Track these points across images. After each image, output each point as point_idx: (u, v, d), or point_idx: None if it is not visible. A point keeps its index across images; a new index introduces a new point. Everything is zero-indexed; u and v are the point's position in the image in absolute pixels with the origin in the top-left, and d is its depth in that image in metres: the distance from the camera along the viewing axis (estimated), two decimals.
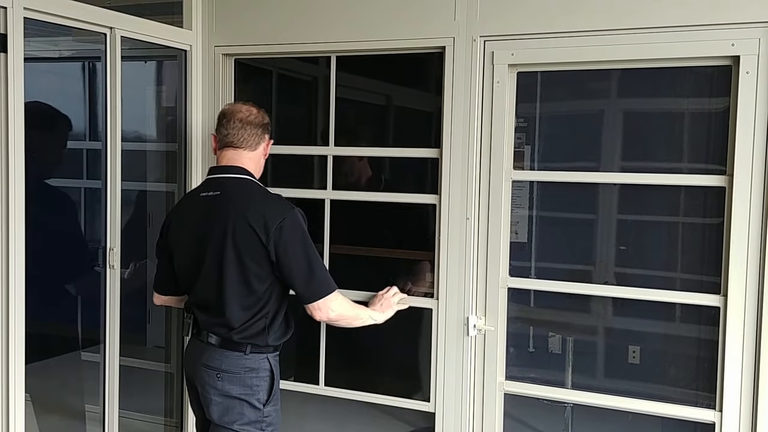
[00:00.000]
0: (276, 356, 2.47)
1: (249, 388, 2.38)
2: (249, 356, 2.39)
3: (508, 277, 2.74)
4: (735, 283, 2.41)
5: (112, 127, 2.79)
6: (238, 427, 2.37)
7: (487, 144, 2.70)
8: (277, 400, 2.45)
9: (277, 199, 2.48)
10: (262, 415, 2.39)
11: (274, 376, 2.42)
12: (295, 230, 2.35)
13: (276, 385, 2.43)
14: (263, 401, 2.39)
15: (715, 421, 2.48)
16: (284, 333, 2.48)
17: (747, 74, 2.35)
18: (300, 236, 2.37)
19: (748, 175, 2.37)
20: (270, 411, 2.41)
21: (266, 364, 2.41)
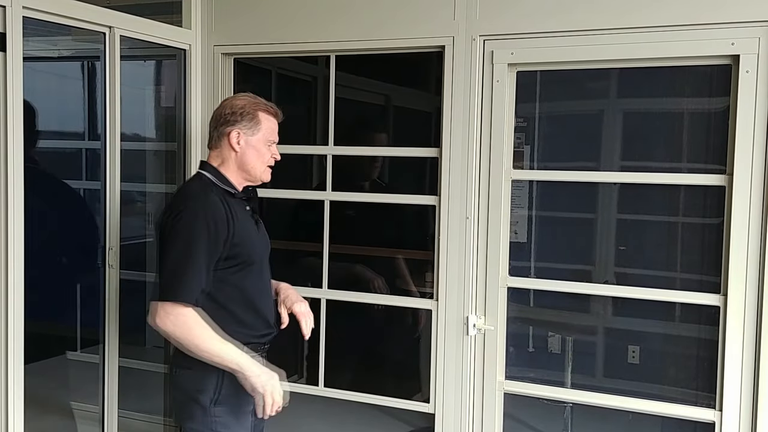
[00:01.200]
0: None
1: (198, 385, 2.20)
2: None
3: (507, 277, 2.74)
4: (735, 282, 2.41)
5: (111, 126, 2.79)
6: (188, 427, 2.23)
7: (487, 143, 2.70)
8: (232, 404, 2.22)
9: (194, 194, 2.25)
10: (211, 415, 2.20)
11: (224, 375, 2.17)
12: (179, 225, 2.15)
13: (226, 385, 2.19)
14: (211, 400, 2.19)
15: (714, 421, 2.48)
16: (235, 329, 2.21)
17: (747, 73, 2.35)
18: (180, 232, 2.14)
19: (748, 175, 2.37)
20: (220, 412, 2.20)
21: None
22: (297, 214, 3.40)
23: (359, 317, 3.39)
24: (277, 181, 3.30)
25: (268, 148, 2.32)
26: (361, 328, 3.48)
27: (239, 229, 2.23)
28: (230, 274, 2.23)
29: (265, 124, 2.31)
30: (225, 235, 2.18)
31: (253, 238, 2.31)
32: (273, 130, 2.35)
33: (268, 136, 2.32)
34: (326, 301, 3.01)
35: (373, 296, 3.11)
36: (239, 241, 2.22)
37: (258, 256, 2.31)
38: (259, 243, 2.34)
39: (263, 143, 2.31)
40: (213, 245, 2.16)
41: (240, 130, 2.27)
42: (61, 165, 3.44)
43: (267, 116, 2.32)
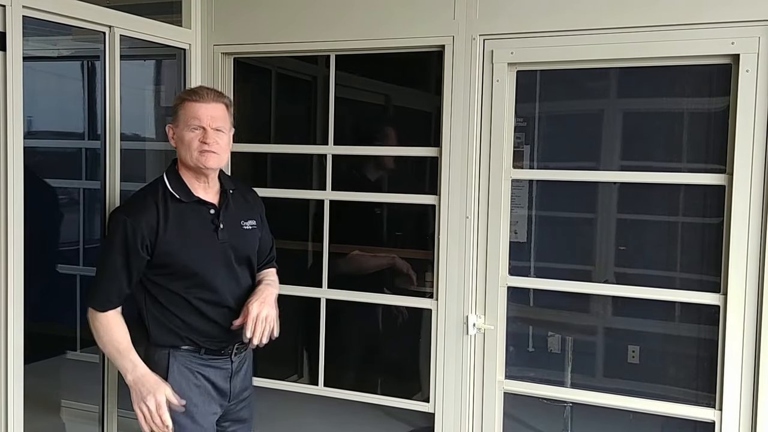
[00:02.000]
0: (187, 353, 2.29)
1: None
2: (152, 348, 2.29)
3: (507, 276, 2.74)
4: (735, 281, 2.41)
5: (111, 126, 2.78)
6: None
7: (487, 142, 2.70)
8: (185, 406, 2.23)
9: (131, 199, 2.36)
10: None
11: (168, 372, 2.24)
12: (107, 229, 2.31)
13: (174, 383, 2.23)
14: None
15: (714, 420, 2.48)
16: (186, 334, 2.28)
17: (747, 72, 2.35)
18: (106, 237, 2.29)
19: (748, 174, 2.37)
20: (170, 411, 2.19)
21: (164, 360, 2.26)
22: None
23: (359, 317, 3.40)
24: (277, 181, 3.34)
25: (192, 133, 2.26)
26: (361, 328, 3.49)
27: (171, 238, 2.22)
28: (168, 282, 2.26)
29: (185, 111, 2.28)
30: (147, 241, 2.19)
31: (197, 246, 2.27)
32: (194, 115, 2.26)
33: (188, 121, 2.26)
34: (326, 300, 3.01)
35: (372, 296, 3.10)
36: (169, 250, 2.22)
37: (202, 267, 2.26)
38: (208, 252, 2.29)
39: (185, 129, 2.27)
40: (132, 250, 2.19)
41: (171, 125, 2.32)
42: (61, 165, 3.44)
43: (188, 103, 2.28)
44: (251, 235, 2.45)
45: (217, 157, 2.28)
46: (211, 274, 2.29)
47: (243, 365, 2.46)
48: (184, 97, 2.32)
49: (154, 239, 2.20)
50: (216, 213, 2.33)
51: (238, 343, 2.36)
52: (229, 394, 2.40)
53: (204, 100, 2.28)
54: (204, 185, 2.34)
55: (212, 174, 2.34)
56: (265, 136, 3.69)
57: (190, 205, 2.29)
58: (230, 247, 2.34)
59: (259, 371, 2.88)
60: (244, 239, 2.41)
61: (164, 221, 2.22)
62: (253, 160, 3.40)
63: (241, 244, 2.39)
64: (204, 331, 2.30)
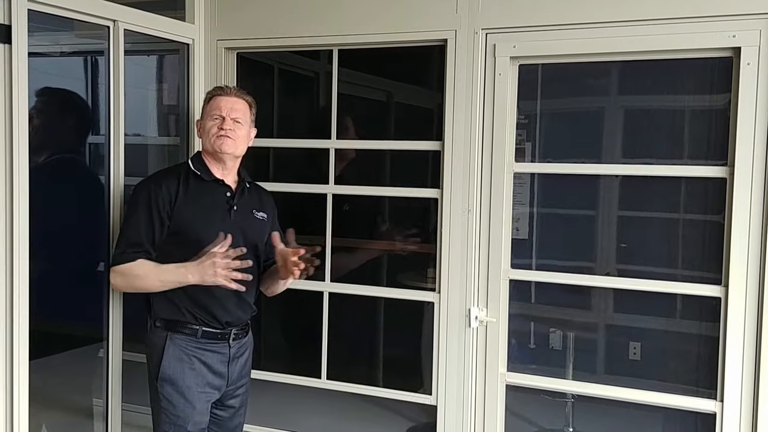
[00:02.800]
0: (183, 336, 2.40)
1: (149, 360, 2.46)
2: (152, 330, 2.44)
3: (509, 269, 2.75)
4: (736, 273, 2.42)
5: (115, 121, 2.80)
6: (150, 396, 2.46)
7: (489, 136, 2.71)
8: (175, 382, 2.39)
9: (157, 171, 2.60)
10: (158, 389, 2.40)
11: (164, 354, 2.38)
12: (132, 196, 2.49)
13: (166, 365, 2.38)
14: (157, 376, 2.40)
15: (716, 411, 2.49)
16: (170, 303, 2.40)
17: (748, 65, 2.37)
18: (130, 202, 2.49)
19: (749, 166, 2.38)
20: (166, 389, 2.39)
21: (162, 341, 2.40)
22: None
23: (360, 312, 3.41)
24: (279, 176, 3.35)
25: (213, 121, 2.46)
26: (363, 322, 3.50)
27: (186, 208, 2.41)
28: (178, 250, 2.39)
29: (209, 105, 2.51)
30: (167, 206, 2.38)
31: (211, 221, 2.42)
32: (216, 106, 2.48)
33: (211, 112, 2.48)
34: (329, 294, 3.02)
35: (375, 289, 3.12)
36: (184, 218, 2.40)
37: (211, 240, 2.34)
38: (220, 228, 2.37)
39: (207, 119, 2.49)
40: (154, 210, 2.37)
41: (199, 120, 2.57)
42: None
43: (213, 98, 2.51)
44: (261, 225, 2.58)
45: (232, 142, 2.45)
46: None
47: (244, 352, 2.56)
48: (210, 92, 2.55)
49: (173, 205, 2.39)
50: (231, 195, 2.51)
51: (236, 327, 2.48)
52: (227, 379, 2.49)
53: (226, 93, 2.50)
54: (223, 171, 2.51)
55: (230, 162, 2.51)
56: (268, 131, 3.70)
57: (209, 183, 2.48)
58: (240, 230, 2.45)
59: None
60: (255, 226, 2.55)
61: (184, 192, 2.42)
62: (256, 156, 3.41)
63: (251, 228, 2.53)
64: (204, 305, 2.40)
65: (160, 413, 2.42)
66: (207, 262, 2.29)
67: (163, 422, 2.42)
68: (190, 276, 2.32)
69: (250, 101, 2.55)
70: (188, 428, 2.40)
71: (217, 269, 2.28)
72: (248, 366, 2.61)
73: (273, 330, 3.68)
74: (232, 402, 2.56)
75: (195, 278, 2.32)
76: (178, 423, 2.40)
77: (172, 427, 2.40)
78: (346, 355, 3.42)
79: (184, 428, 2.40)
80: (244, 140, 2.50)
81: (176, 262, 2.37)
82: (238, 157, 2.52)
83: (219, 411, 2.55)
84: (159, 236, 2.39)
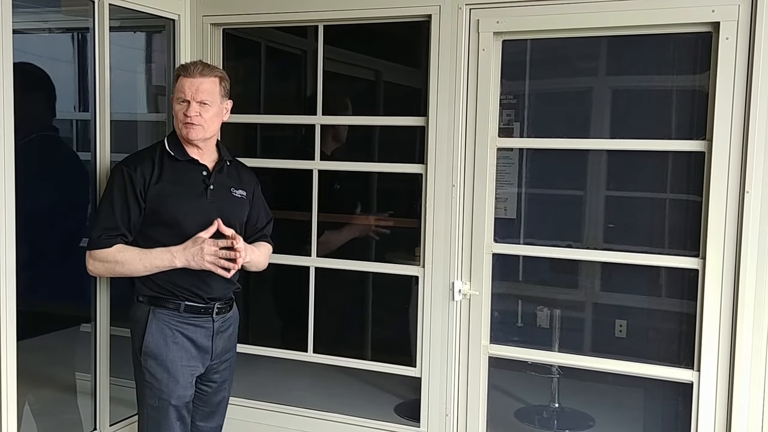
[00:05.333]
0: (166, 311, 2.41)
1: (133, 336, 2.47)
2: (135, 306, 2.45)
3: (492, 243, 2.78)
4: (713, 245, 2.46)
5: (100, 97, 2.81)
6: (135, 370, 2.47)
7: (473, 112, 2.73)
8: (158, 356, 2.40)
9: (132, 153, 2.53)
10: (143, 364, 2.41)
11: (147, 328, 2.39)
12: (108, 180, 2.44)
13: (149, 340, 2.39)
14: (141, 351, 2.41)
15: (692, 381, 2.54)
16: (149, 281, 2.40)
17: (726, 40, 2.39)
18: (106, 187, 2.43)
19: (727, 140, 2.41)
20: (149, 364, 2.40)
21: (145, 316, 2.41)
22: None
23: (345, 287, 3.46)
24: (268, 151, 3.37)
25: (179, 105, 2.41)
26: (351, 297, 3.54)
27: (162, 189, 2.37)
28: (153, 230, 2.39)
29: (175, 85, 2.43)
30: (141, 184, 2.34)
31: (186, 200, 2.41)
32: (180, 88, 2.40)
33: (176, 95, 2.42)
34: (315, 269, 3.06)
35: (361, 264, 3.15)
36: (159, 197, 2.37)
37: (187, 220, 2.38)
38: (196, 207, 2.41)
39: (174, 102, 2.43)
40: (128, 191, 2.34)
41: (172, 96, 2.46)
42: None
43: (179, 78, 2.42)
44: (239, 203, 2.56)
45: (199, 128, 2.41)
46: (195, 229, 2.38)
47: (228, 327, 2.56)
48: (177, 71, 2.47)
49: (147, 187, 2.36)
50: (208, 174, 2.47)
51: (219, 302, 2.48)
52: (211, 353, 2.50)
53: (190, 74, 2.40)
54: (198, 150, 2.48)
55: (202, 144, 2.47)
56: (255, 108, 3.72)
57: (184, 163, 2.44)
58: (216, 209, 2.44)
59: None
60: (233, 204, 2.53)
61: (158, 173, 2.38)
62: (243, 132, 3.43)
63: (229, 207, 2.50)
64: (181, 283, 2.41)
65: (144, 387, 2.44)
66: (194, 248, 2.32)
67: (147, 396, 2.42)
68: (177, 261, 2.34)
69: (219, 75, 2.46)
70: (172, 402, 2.40)
71: (205, 255, 2.32)
72: (233, 341, 2.61)
73: (261, 304, 3.72)
74: (215, 377, 2.57)
75: (181, 263, 2.34)
76: (162, 397, 2.40)
77: (156, 400, 2.41)
78: (334, 329, 3.47)
79: (168, 402, 2.40)
80: (213, 120, 2.43)
81: (153, 245, 2.37)
82: (209, 139, 2.48)
83: (203, 386, 2.55)
84: (136, 219, 2.37)
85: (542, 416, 3.22)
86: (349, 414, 3.02)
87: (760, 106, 2.36)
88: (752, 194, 2.38)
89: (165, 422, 2.41)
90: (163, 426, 2.41)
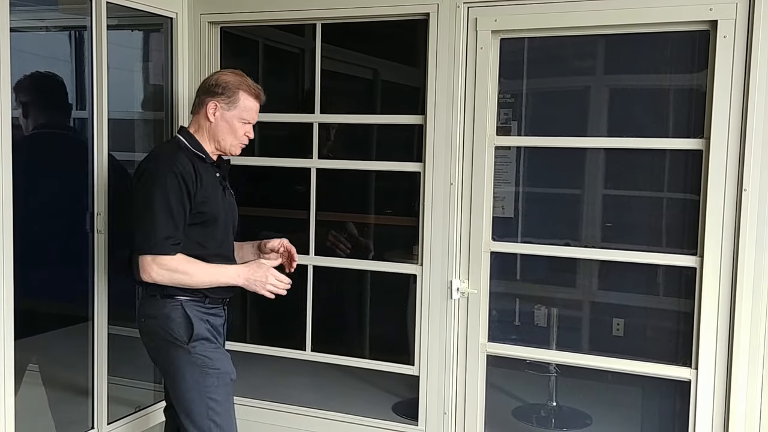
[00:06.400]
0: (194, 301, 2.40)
1: (169, 329, 2.37)
2: (161, 302, 2.38)
3: (490, 242, 2.79)
4: (711, 243, 2.46)
5: (98, 95, 2.80)
6: (174, 367, 2.38)
7: (471, 110, 2.73)
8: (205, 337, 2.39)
9: (165, 154, 2.41)
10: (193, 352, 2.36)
11: (191, 321, 2.37)
12: (150, 183, 2.31)
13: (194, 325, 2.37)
14: (190, 338, 2.36)
15: (690, 379, 2.54)
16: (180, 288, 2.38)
17: (724, 38, 2.40)
18: (152, 189, 2.30)
19: (725, 137, 2.41)
20: (199, 347, 2.36)
21: (176, 309, 2.37)
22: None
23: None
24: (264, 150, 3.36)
25: (241, 125, 2.43)
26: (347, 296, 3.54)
27: (205, 189, 2.38)
28: (195, 231, 2.38)
29: (243, 103, 2.42)
30: (193, 189, 2.33)
31: (217, 200, 2.44)
32: (250, 110, 2.44)
33: (243, 115, 2.43)
34: (313, 267, 3.06)
35: (358, 262, 3.15)
36: (205, 199, 2.37)
37: (223, 218, 2.44)
38: (224, 207, 2.47)
39: (237, 120, 2.42)
40: (184, 197, 2.31)
41: (218, 102, 2.40)
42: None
43: (247, 96, 2.43)
44: (235, 202, 2.62)
45: None
46: (225, 225, 2.47)
47: (228, 317, 2.61)
48: (248, 89, 2.43)
49: (196, 190, 2.35)
50: (222, 175, 2.52)
51: (229, 296, 2.52)
52: (223, 341, 2.55)
53: (261, 100, 2.47)
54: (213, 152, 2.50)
55: None
56: None
57: (209, 165, 2.46)
58: (231, 207, 2.54)
59: None
60: (235, 203, 2.60)
61: (198, 175, 2.37)
62: None
63: (234, 206, 2.58)
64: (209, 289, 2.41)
65: (196, 376, 2.36)
66: (259, 273, 2.38)
67: (207, 382, 2.36)
68: (239, 281, 2.39)
69: None
70: (232, 377, 2.42)
71: (267, 284, 2.38)
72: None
73: (260, 304, 3.72)
74: None
75: (240, 283, 2.39)
76: (220, 376, 2.38)
77: (215, 380, 2.37)
78: (332, 328, 3.47)
79: (229, 376, 2.41)
80: None
81: (195, 245, 2.36)
82: None
83: None
84: (186, 223, 2.35)
85: (540, 415, 3.23)
86: (347, 413, 3.03)
87: (758, 104, 2.36)
88: (750, 192, 2.39)
89: (229, 398, 2.43)
90: (230, 402, 2.43)
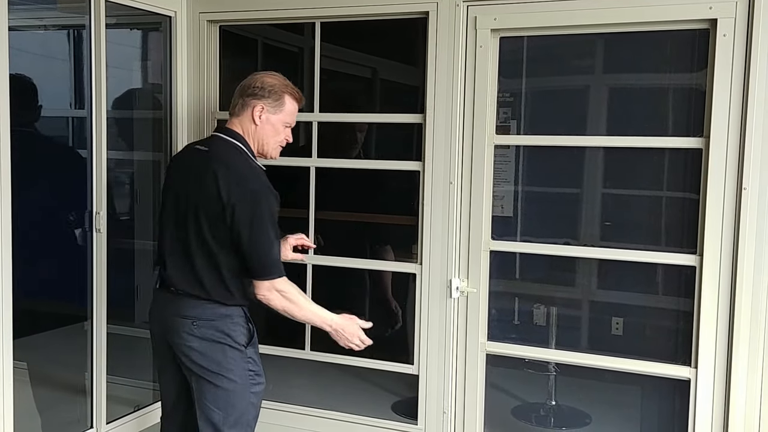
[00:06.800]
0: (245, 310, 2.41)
1: (228, 332, 2.35)
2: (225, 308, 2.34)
3: (490, 241, 2.78)
4: (710, 242, 2.46)
5: (97, 94, 2.80)
6: (223, 369, 2.34)
7: (470, 109, 2.73)
8: (254, 344, 2.42)
9: (255, 171, 2.38)
10: (246, 355, 2.37)
11: (249, 322, 2.39)
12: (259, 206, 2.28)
13: (253, 331, 2.40)
14: (247, 343, 2.37)
15: (690, 378, 2.54)
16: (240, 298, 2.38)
17: (724, 37, 2.39)
18: (262, 212, 2.28)
19: (725, 136, 2.41)
20: (251, 352, 2.39)
21: (240, 313, 2.37)
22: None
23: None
24: None
25: (284, 129, 2.42)
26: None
27: None
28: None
29: (287, 107, 2.41)
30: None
31: None
32: (293, 113, 2.44)
33: (287, 119, 2.42)
34: (312, 266, 3.05)
35: (357, 261, 3.15)
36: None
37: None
38: None
39: (281, 123, 2.41)
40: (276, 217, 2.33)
41: (265, 105, 2.37)
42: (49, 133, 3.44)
43: (291, 100, 2.42)
44: None
45: None
46: None
47: None
48: (293, 93, 2.42)
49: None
50: None
51: None
52: None
53: (301, 104, 2.46)
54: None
55: None
56: None
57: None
58: None
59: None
60: None
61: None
62: None
63: None
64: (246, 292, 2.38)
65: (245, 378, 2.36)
66: (350, 329, 2.38)
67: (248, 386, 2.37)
68: (327, 327, 2.38)
69: None
70: (264, 379, 2.44)
71: (354, 341, 2.39)
72: None
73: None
74: None
75: (327, 329, 2.39)
76: (259, 381, 2.41)
77: (256, 386, 2.40)
78: None
79: (264, 379, 2.44)
80: None
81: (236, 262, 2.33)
82: None
83: None
84: None
85: (539, 414, 3.22)
86: (346, 412, 3.03)
87: (758, 103, 2.36)
88: (749, 191, 2.39)
89: (259, 404, 2.43)
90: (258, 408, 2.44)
